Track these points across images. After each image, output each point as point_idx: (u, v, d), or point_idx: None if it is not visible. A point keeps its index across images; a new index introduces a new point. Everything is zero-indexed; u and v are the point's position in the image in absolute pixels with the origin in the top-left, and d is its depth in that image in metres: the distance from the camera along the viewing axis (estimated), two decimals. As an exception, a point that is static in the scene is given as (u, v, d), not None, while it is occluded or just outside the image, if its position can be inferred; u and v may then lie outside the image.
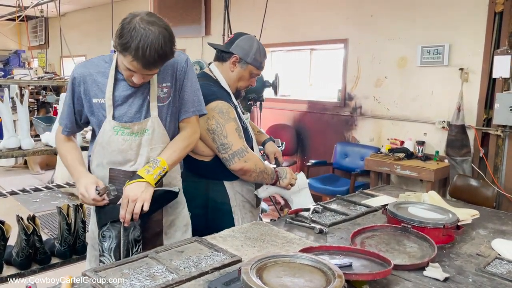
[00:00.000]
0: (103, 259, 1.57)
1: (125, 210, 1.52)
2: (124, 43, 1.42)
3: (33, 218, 2.34)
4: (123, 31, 1.42)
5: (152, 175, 1.55)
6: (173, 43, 1.48)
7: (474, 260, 1.52)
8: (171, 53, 1.49)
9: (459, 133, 3.76)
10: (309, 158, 5.08)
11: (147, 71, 1.49)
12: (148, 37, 1.40)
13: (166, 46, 1.44)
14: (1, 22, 10.06)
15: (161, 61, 1.47)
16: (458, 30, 3.90)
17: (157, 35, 1.42)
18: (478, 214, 2.01)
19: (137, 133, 1.62)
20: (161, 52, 1.43)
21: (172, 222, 1.77)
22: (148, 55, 1.41)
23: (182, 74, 1.68)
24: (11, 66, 8.23)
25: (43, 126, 4.12)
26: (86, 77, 1.62)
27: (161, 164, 1.59)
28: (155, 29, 1.42)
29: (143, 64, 1.44)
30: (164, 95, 1.65)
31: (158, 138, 1.65)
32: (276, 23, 5.31)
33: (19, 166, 6.66)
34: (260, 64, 2.04)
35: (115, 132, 1.60)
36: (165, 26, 1.47)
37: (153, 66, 1.46)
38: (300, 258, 1.26)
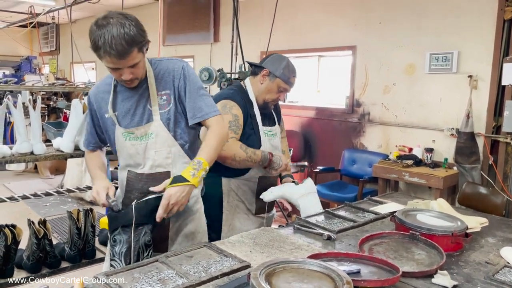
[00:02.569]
0: (114, 263, 1.59)
1: (163, 210, 1.56)
2: (93, 44, 1.51)
3: (44, 222, 2.37)
4: (90, 35, 1.51)
5: (197, 178, 1.60)
6: (137, 25, 1.54)
7: (483, 268, 1.51)
8: (138, 35, 1.53)
9: (468, 140, 3.74)
10: (317, 164, 5.08)
11: (124, 61, 1.53)
12: (109, 29, 1.48)
13: (129, 31, 1.49)
14: (13, 29, 10.23)
15: (131, 47, 1.51)
16: (467, 37, 3.90)
17: (119, 24, 1.48)
18: (487, 222, 2.00)
19: (141, 137, 1.70)
20: (127, 38, 1.48)
21: (179, 228, 1.79)
22: (115, 44, 1.47)
23: (182, 81, 1.71)
24: (22, 72, 8.35)
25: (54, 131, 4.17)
26: (97, 95, 1.78)
27: (204, 166, 1.62)
28: (113, 20, 1.50)
29: (116, 55, 1.50)
30: (163, 102, 1.70)
31: (163, 141, 1.70)
32: (284, 30, 5.35)
33: (29, 171, 6.74)
34: (288, 78, 2.17)
35: (124, 138, 1.72)
36: (123, 14, 1.54)
37: (126, 54, 1.51)
38: (308, 264, 1.27)
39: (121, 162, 1.80)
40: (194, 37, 6.76)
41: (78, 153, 2.40)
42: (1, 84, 2.53)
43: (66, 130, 2.40)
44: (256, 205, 2.27)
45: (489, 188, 3.17)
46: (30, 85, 2.67)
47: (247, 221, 2.26)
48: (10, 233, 2.16)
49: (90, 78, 8.19)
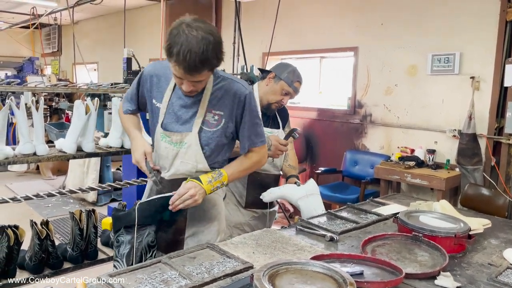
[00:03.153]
0: (116, 263, 1.60)
1: (179, 196, 1.58)
2: (168, 48, 1.46)
3: (47, 223, 2.37)
4: (169, 37, 1.46)
5: (211, 186, 1.63)
6: (218, 49, 1.48)
7: (486, 269, 1.51)
8: (214, 58, 1.48)
9: (470, 141, 3.74)
10: (319, 165, 5.08)
11: (191, 76, 1.50)
12: (190, 41, 1.42)
13: (207, 51, 1.43)
14: (15, 30, 10.25)
15: (203, 66, 1.46)
16: (469, 39, 3.89)
17: (200, 39, 1.42)
18: (489, 223, 1.99)
19: (175, 143, 1.68)
20: (202, 57, 1.43)
21: (195, 234, 1.78)
22: (188, 59, 1.42)
23: (240, 109, 1.69)
24: (24, 73, 8.36)
25: (56, 132, 4.17)
26: (153, 77, 1.74)
27: (223, 179, 1.66)
28: (198, 33, 1.43)
29: (184, 69, 1.46)
30: (214, 121, 1.67)
31: (192, 155, 1.67)
32: (286, 31, 5.35)
33: (31, 172, 6.75)
34: (291, 82, 2.26)
35: (161, 138, 1.71)
36: (211, 31, 1.47)
37: (195, 71, 1.47)
38: (311, 266, 1.27)
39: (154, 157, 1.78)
40: (196, 38, 6.75)
41: (80, 154, 2.41)
42: (4, 85, 2.53)
43: (69, 131, 2.40)
44: (247, 199, 2.33)
45: (491, 190, 3.17)
46: (33, 86, 2.67)
47: (237, 212, 2.35)
48: (13, 234, 2.16)
49: (92, 79, 8.21)
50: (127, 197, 4.33)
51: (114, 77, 7.51)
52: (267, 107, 2.32)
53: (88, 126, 2.39)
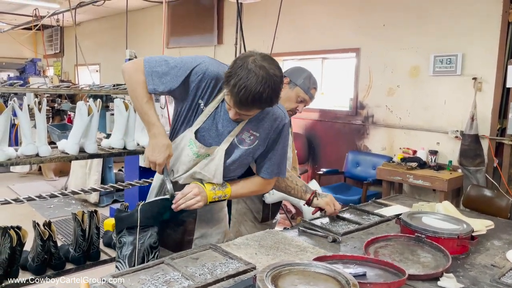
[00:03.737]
0: (118, 264, 1.60)
1: (183, 195, 1.57)
2: (228, 75, 1.44)
3: (49, 224, 2.38)
4: (233, 65, 1.44)
5: (213, 194, 1.61)
6: (275, 92, 1.45)
7: (489, 271, 1.51)
8: (268, 101, 1.45)
9: (473, 142, 3.73)
10: (321, 166, 5.08)
11: (241, 110, 1.48)
12: (249, 78, 1.39)
13: (263, 93, 1.40)
14: (18, 31, 10.29)
15: (254, 105, 1.45)
16: (471, 40, 3.89)
17: (260, 79, 1.39)
18: (492, 224, 1.99)
19: (199, 155, 1.63)
20: (256, 97, 1.40)
21: (204, 235, 1.78)
22: (242, 95, 1.40)
23: (275, 135, 1.67)
24: (27, 74, 8.38)
25: (58, 133, 4.19)
26: (214, 80, 1.59)
27: (226, 191, 1.65)
28: (261, 72, 1.40)
29: (235, 102, 1.44)
30: (248, 140, 1.64)
31: (212, 168, 1.63)
32: (288, 32, 5.35)
33: (33, 173, 6.76)
34: (307, 88, 2.14)
35: (188, 143, 1.62)
36: (274, 74, 1.43)
37: (245, 107, 1.45)
38: (314, 267, 1.27)
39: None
40: (197, 39, 6.77)
41: (82, 155, 2.41)
42: (7, 86, 2.54)
43: (71, 132, 2.41)
44: (263, 213, 2.29)
45: (494, 191, 3.16)
46: (36, 87, 2.68)
47: (253, 228, 2.28)
48: (15, 235, 2.17)
49: (94, 80, 8.23)
50: (129, 198, 4.34)
51: (116, 79, 7.53)
52: None
53: (91, 127, 2.40)
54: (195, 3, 6.72)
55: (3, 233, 2.16)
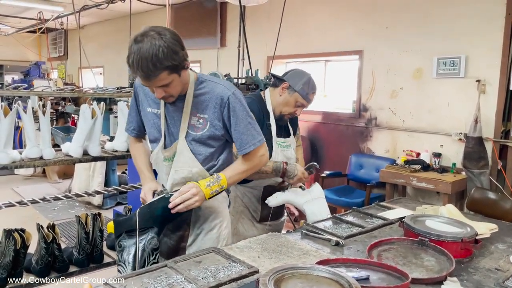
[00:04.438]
0: (120, 268, 1.60)
1: (180, 194, 1.60)
2: (127, 61, 1.50)
3: (53, 226, 2.38)
4: (128, 51, 1.50)
5: (210, 190, 1.63)
6: (168, 47, 1.47)
7: (493, 274, 1.50)
8: (168, 58, 1.48)
9: (476, 145, 3.72)
10: (324, 169, 5.07)
11: (151, 82, 1.52)
12: (139, 49, 1.45)
13: (158, 52, 1.45)
14: (22, 34, 10.35)
15: (157, 69, 1.47)
16: (475, 42, 3.88)
17: (149, 46, 1.45)
18: (496, 228, 1.98)
19: (169, 158, 1.72)
20: (154, 60, 1.45)
21: (195, 241, 1.79)
22: (141, 66, 1.46)
23: (226, 111, 1.66)
24: (31, 77, 8.43)
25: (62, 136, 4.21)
26: (139, 87, 1.79)
27: (222, 182, 1.66)
28: (146, 39, 1.46)
29: (141, 77, 1.50)
30: (199, 125, 1.68)
31: (184, 161, 1.69)
32: (291, 35, 5.36)
33: (37, 175, 6.79)
34: (306, 94, 2.18)
35: (161, 156, 1.76)
36: (158, 34, 1.48)
37: (152, 76, 1.49)
38: (317, 270, 1.26)
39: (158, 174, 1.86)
40: (201, 42, 6.79)
41: (86, 158, 2.42)
42: (11, 89, 2.56)
43: (75, 135, 2.42)
44: (261, 213, 2.31)
45: (498, 194, 3.14)
46: (40, 90, 2.69)
47: (251, 227, 2.32)
48: (19, 238, 2.17)
49: (98, 83, 8.26)
50: (133, 201, 4.34)
51: (120, 81, 7.56)
52: (279, 117, 2.26)
53: (94, 130, 2.41)
54: (199, 6, 6.74)
55: (7, 235, 2.17)
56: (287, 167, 2.14)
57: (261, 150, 1.75)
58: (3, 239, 2.19)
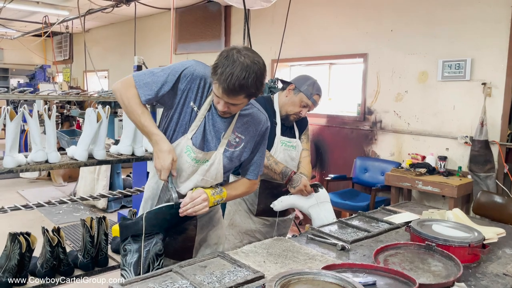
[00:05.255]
0: (124, 272, 1.60)
1: (191, 200, 1.59)
2: (214, 66, 1.51)
3: (58, 230, 2.39)
4: (219, 57, 1.52)
5: (213, 199, 1.66)
6: (259, 79, 1.51)
7: (501, 280, 1.49)
8: (253, 87, 1.50)
9: (483, 148, 3.69)
10: (328, 172, 5.06)
11: (228, 98, 1.52)
12: (235, 66, 1.47)
13: (249, 78, 1.47)
14: (28, 38, 10.42)
15: (240, 91, 1.49)
16: (480, 45, 3.86)
17: (245, 66, 1.47)
18: (504, 232, 1.96)
19: (198, 160, 1.68)
20: (243, 82, 1.47)
21: (203, 239, 1.82)
22: (229, 81, 1.46)
23: (259, 138, 1.78)
24: (36, 81, 8.48)
25: (67, 139, 4.24)
26: (202, 80, 1.64)
27: (223, 195, 1.72)
28: (245, 60, 1.48)
29: (223, 89, 1.49)
30: (234, 142, 1.72)
31: (214, 173, 1.71)
32: (295, 38, 5.36)
33: (42, 178, 6.81)
34: (310, 94, 2.28)
35: (185, 150, 1.66)
36: (257, 61, 1.51)
37: (232, 94, 1.50)
38: (324, 276, 1.26)
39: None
40: (205, 46, 6.80)
41: (91, 161, 2.43)
42: (17, 93, 2.57)
43: (80, 138, 2.43)
44: (258, 207, 2.36)
45: (504, 197, 3.11)
46: (45, 94, 2.70)
47: (248, 219, 2.38)
48: (25, 241, 2.18)
49: (103, 86, 8.29)
50: (137, 204, 4.33)
51: (125, 84, 7.56)
52: (285, 117, 2.35)
53: (99, 133, 2.41)
54: (203, 9, 6.75)
55: (13, 239, 2.18)
56: (294, 176, 2.21)
57: (257, 181, 1.87)
58: (9, 242, 2.19)
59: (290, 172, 2.21)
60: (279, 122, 2.34)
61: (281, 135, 2.33)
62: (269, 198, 2.28)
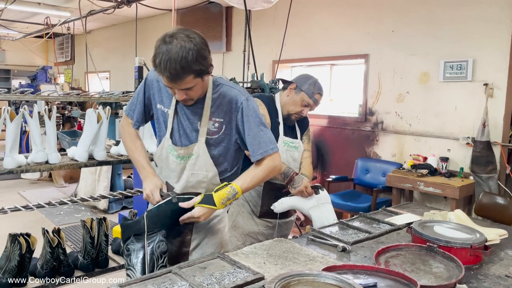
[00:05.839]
0: (129, 272, 1.59)
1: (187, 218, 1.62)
2: (153, 59, 1.50)
3: (58, 231, 2.38)
4: (155, 48, 1.50)
5: (224, 205, 1.63)
6: (200, 53, 1.49)
7: (503, 281, 1.47)
8: (196, 64, 1.49)
9: (484, 149, 3.68)
10: (330, 173, 5.04)
11: (176, 84, 1.52)
12: (169, 50, 1.45)
13: (188, 57, 1.45)
14: (29, 39, 10.43)
15: (185, 73, 1.48)
16: (482, 45, 3.85)
17: (179, 48, 1.45)
18: (506, 234, 1.95)
19: (182, 157, 1.69)
20: (183, 63, 1.45)
21: (199, 246, 1.79)
22: (169, 67, 1.45)
23: (239, 115, 1.67)
24: (38, 82, 8.49)
25: (68, 140, 4.24)
26: (159, 82, 1.72)
27: (237, 196, 1.64)
28: (179, 42, 1.46)
29: (167, 78, 1.49)
30: (214, 129, 1.68)
31: (202, 164, 1.68)
32: (296, 39, 5.35)
33: (43, 179, 6.82)
34: (311, 93, 2.27)
35: (169, 150, 1.70)
36: (191, 38, 1.48)
37: (177, 78, 1.49)
38: (324, 277, 1.25)
39: (157, 169, 1.81)
40: (206, 47, 6.80)
41: (92, 162, 2.42)
42: (18, 94, 2.57)
43: (81, 139, 2.42)
44: (261, 209, 2.35)
45: (506, 198, 3.10)
46: (46, 95, 2.70)
47: (251, 221, 2.37)
48: (25, 242, 2.18)
49: (104, 87, 8.30)
50: (138, 205, 4.34)
51: (126, 86, 7.59)
52: (287, 117, 2.34)
53: (100, 134, 2.41)
54: (204, 10, 6.75)
55: (13, 240, 2.17)
56: (295, 177, 2.19)
57: (275, 157, 1.70)
58: (9, 243, 2.19)
59: (292, 173, 2.19)
60: (282, 122, 2.32)
61: (284, 136, 2.32)
62: (272, 200, 2.26)
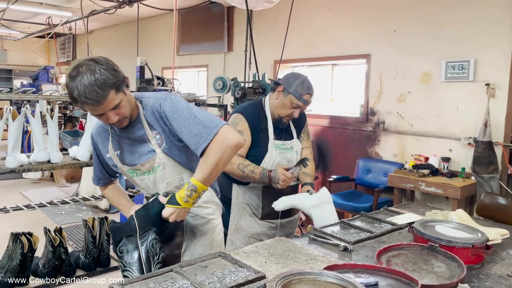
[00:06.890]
0: (127, 273, 1.59)
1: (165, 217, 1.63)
2: (71, 98, 1.54)
3: (60, 230, 2.39)
4: (67, 91, 1.54)
5: (190, 203, 1.60)
6: (106, 68, 1.53)
7: (505, 281, 1.47)
8: (110, 76, 1.52)
9: (486, 149, 3.68)
10: (331, 173, 5.04)
11: (103, 106, 1.53)
12: (80, 81, 1.48)
13: (100, 75, 1.49)
14: (31, 39, 10.46)
15: (104, 90, 1.50)
16: (483, 45, 3.85)
17: (86, 73, 1.49)
18: (508, 233, 1.94)
19: (148, 171, 1.72)
20: (99, 83, 1.48)
21: (188, 247, 1.81)
22: (88, 94, 1.48)
23: (166, 119, 1.64)
24: (40, 82, 8.50)
25: (70, 140, 4.22)
26: (99, 135, 1.81)
27: (198, 190, 1.57)
28: (82, 69, 1.50)
29: (92, 104, 1.51)
30: (158, 141, 1.69)
31: (172, 171, 1.71)
32: (298, 39, 5.35)
33: (45, 179, 6.83)
34: (300, 95, 2.19)
35: (131, 175, 1.75)
36: (91, 61, 1.52)
37: (102, 98, 1.50)
38: (325, 276, 1.25)
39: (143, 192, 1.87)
40: (208, 47, 6.81)
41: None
42: (20, 93, 2.57)
43: (82, 139, 2.43)
44: (263, 211, 2.34)
45: (508, 199, 3.09)
46: (48, 94, 2.71)
47: (253, 223, 2.36)
48: (27, 241, 2.18)
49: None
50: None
51: (127, 85, 7.57)
52: (278, 120, 2.29)
53: (101, 134, 2.41)
54: (206, 10, 6.76)
55: (15, 239, 2.18)
56: (271, 174, 2.16)
57: (221, 136, 1.54)
58: (11, 242, 2.19)
59: (268, 172, 2.15)
60: (271, 127, 2.28)
61: (275, 139, 2.28)
62: (272, 201, 2.26)
